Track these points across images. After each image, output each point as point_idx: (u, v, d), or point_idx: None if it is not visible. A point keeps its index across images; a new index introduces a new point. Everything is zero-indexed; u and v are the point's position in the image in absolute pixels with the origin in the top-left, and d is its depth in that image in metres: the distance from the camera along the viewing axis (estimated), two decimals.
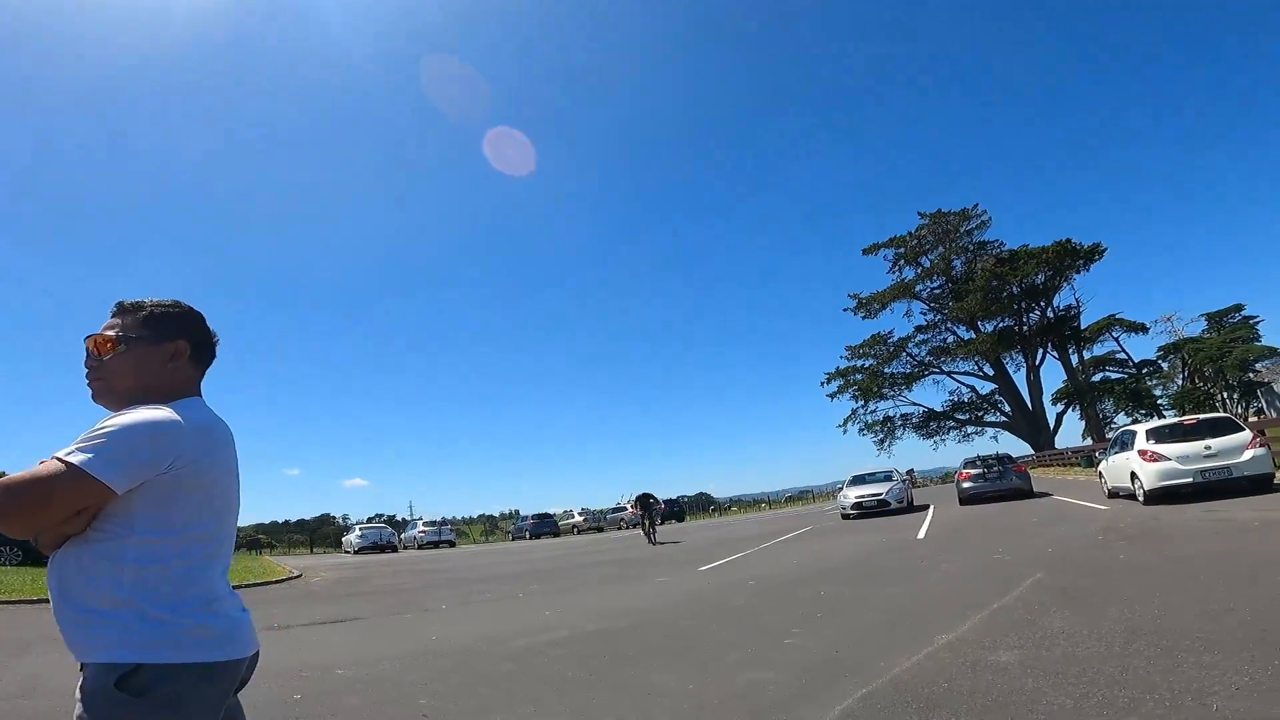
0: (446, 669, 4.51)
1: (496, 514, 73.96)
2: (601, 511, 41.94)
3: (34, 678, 4.07)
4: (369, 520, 43.34)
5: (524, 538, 37.29)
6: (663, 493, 54.14)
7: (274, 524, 69.03)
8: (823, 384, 52.69)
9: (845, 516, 18.91)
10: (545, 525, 38.28)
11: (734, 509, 56.83)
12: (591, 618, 6.50)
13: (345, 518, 71.45)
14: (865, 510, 18.51)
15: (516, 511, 58.88)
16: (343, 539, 37.07)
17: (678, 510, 41.50)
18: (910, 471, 38.83)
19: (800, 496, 60.72)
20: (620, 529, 37.31)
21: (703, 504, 57.24)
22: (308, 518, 71.06)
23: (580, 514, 42.64)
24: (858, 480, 20.74)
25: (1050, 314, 46.49)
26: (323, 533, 52.07)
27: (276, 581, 11.98)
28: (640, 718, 3.38)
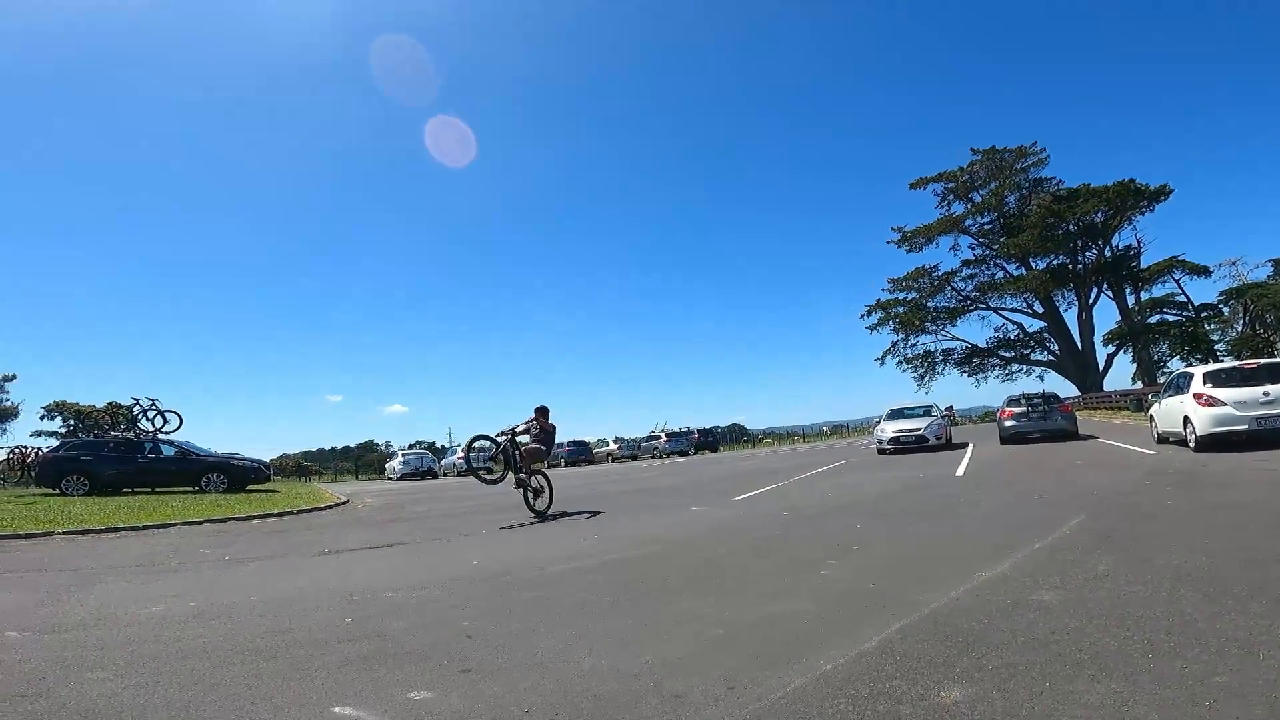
0: (486, 593, 4.66)
1: None
2: (636, 440, 42.68)
3: (103, 606, 4.30)
4: (410, 447, 44.82)
5: (559, 465, 38.35)
6: (697, 422, 54.61)
7: (320, 451, 72.32)
8: (862, 316, 51.83)
9: (881, 451, 18.82)
10: (580, 452, 39.17)
11: (767, 441, 57.24)
12: (626, 545, 6.63)
13: (387, 444, 74.35)
14: (903, 445, 18.37)
15: None
16: (386, 465, 38.65)
17: (712, 440, 41.98)
18: (949, 408, 38.25)
19: (834, 430, 60.68)
20: (654, 458, 38.05)
21: (736, 435, 57.81)
22: (351, 444, 74.15)
23: (615, 442, 43.54)
24: (895, 415, 20.51)
25: (1108, 253, 44.53)
26: (366, 460, 54.32)
27: (326, 508, 12.53)
28: (674, 643, 3.44)
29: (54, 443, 28.25)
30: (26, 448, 24.07)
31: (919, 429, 18.59)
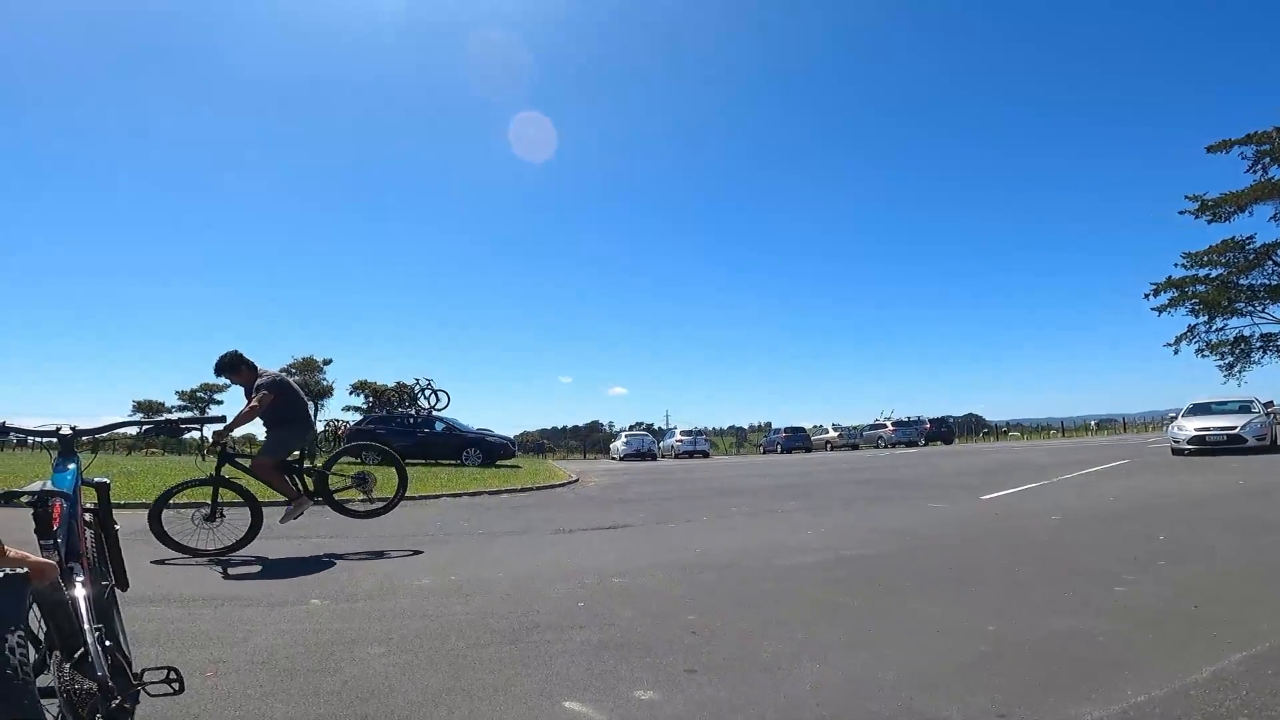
0: (711, 584, 4.50)
1: (746, 426, 75.88)
2: (857, 428, 40.35)
3: (388, 576, 4.87)
4: (631, 428, 47.34)
5: (775, 451, 37.66)
6: (927, 410, 50.24)
7: (554, 429, 79.73)
8: (1147, 296, 43.01)
9: (1178, 451, 15.68)
10: (797, 440, 38.11)
11: (1014, 434, 50.67)
12: (855, 541, 6.08)
13: (610, 424, 79.54)
14: (1208, 446, 15.12)
15: (768, 424, 59.59)
16: (610, 445, 41.23)
17: (946, 431, 38.18)
18: (1270, 404, 30.36)
19: (1102, 425, 51.66)
20: (877, 447, 35.60)
21: (973, 426, 51.93)
22: (580, 424, 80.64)
23: (834, 429, 41.58)
24: (1199, 410, 16.94)
25: None
26: (593, 438, 58.50)
27: (560, 485, 13.53)
28: (923, 655, 2.95)
29: (358, 417, 34.60)
30: (340, 421, 29.79)
31: (1234, 427, 15.14)
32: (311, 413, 6.32)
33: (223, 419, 3.94)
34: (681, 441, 36.26)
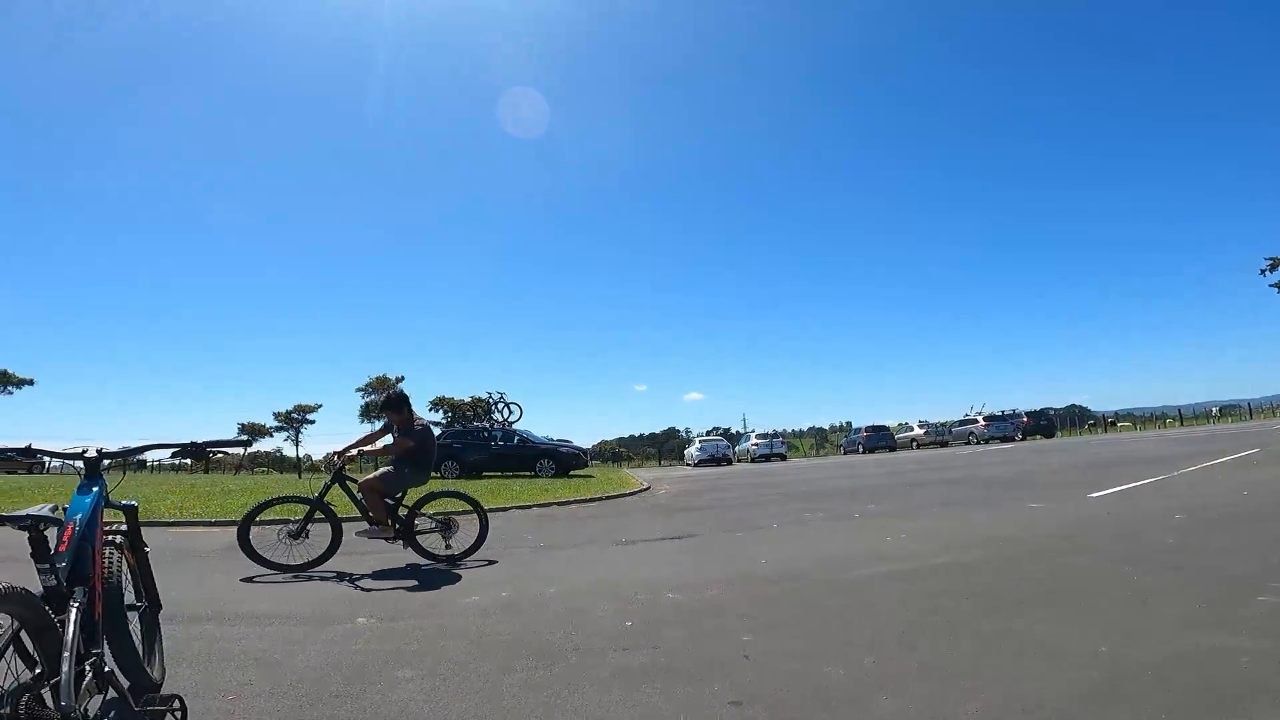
0: (774, 598, 4.13)
1: (826, 426, 73.55)
2: (946, 424, 38.15)
3: (436, 593, 4.78)
4: (706, 433, 46.75)
5: (856, 452, 36.15)
6: (1022, 404, 46.93)
7: (630, 437, 79.99)
8: (1264, 272, 38.84)
9: None
10: (880, 438, 36.42)
11: (1124, 425, 46.74)
12: (941, 547, 5.52)
13: (687, 430, 78.93)
14: None
15: (848, 424, 57.49)
16: (685, 451, 40.77)
17: (1046, 424, 35.53)
18: None
19: (1225, 412, 46.82)
20: (969, 443, 33.54)
21: (1076, 418, 48.18)
22: (656, 431, 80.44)
23: (920, 426, 39.47)
24: None
25: None
26: (669, 445, 58.20)
27: (630, 494, 13.32)
28: (1025, 683, 2.50)
29: (437, 432, 35.71)
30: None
31: None
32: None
33: (245, 442, 3.43)
34: (757, 445, 35.36)
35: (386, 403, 6.32)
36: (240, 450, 5.45)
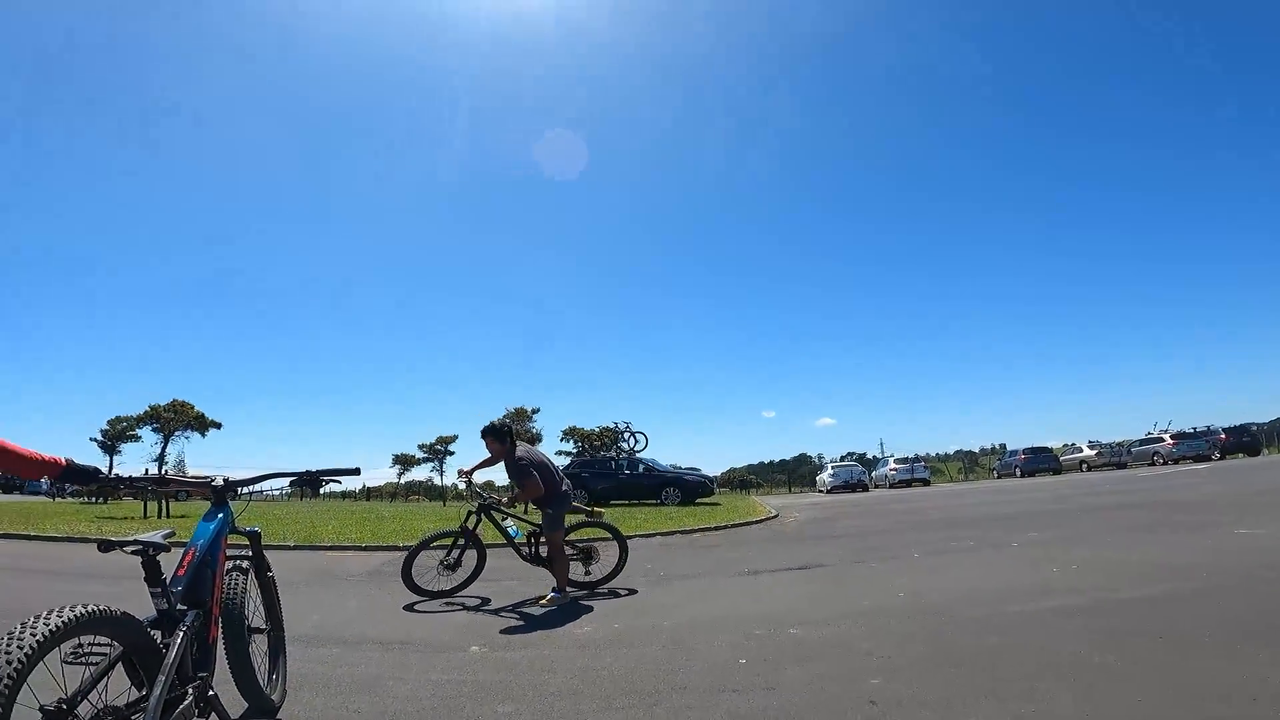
0: (910, 636, 3.65)
1: (977, 449, 67.49)
2: (1123, 444, 33.58)
3: (552, 625, 4.68)
4: (840, 459, 44.52)
5: (1012, 475, 32.69)
6: (1221, 420, 40.33)
7: (760, 464, 77.85)
8: None
9: None
10: (1041, 460, 32.71)
11: None
12: (1120, 579, 4.70)
13: (819, 456, 75.65)
14: None
15: (1002, 446, 52.30)
16: (816, 478, 38.95)
17: (1250, 440, 30.36)
18: None
19: None
20: (1153, 464, 29.31)
21: None
22: (787, 458, 77.69)
23: (1090, 447, 35.02)
24: None
25: None
26: (800, 472, 55.97)
27: (757, 521, 12.80)
28: None
29: (567, 461, 36.74)
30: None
31: None
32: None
33: (355, 470, 3.43)
34: (896, 470, 33.06)
35: (488, 431, 6.10)
36: (352, 478, 5.31)
